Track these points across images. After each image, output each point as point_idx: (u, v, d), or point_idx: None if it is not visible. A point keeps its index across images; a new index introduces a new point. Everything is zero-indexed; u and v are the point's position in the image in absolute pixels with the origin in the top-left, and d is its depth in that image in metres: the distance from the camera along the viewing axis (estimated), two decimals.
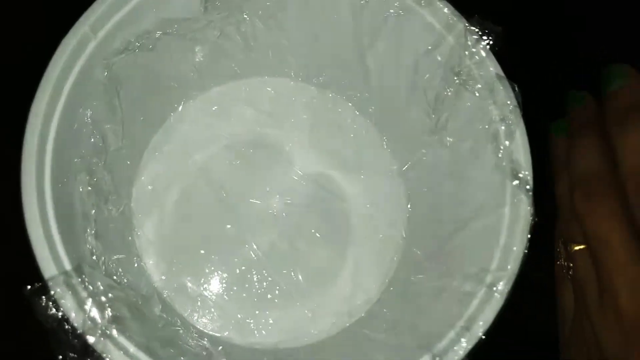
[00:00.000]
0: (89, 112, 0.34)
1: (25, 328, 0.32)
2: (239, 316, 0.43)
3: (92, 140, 0.34)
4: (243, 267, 0.44)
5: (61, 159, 0.31)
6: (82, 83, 0.33)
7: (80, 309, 0.28)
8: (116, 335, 0.28)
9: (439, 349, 0.30)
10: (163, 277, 0.43)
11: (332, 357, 0.39)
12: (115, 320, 0.29)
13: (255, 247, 0.44)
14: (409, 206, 0.46)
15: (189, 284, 0.43)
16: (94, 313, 0.28)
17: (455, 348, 0.30)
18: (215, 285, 0.43)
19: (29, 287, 0.28)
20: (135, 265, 0.42)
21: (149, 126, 0.45)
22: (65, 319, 0.28)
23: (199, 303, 0.42)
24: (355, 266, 0.45)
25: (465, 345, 0.30)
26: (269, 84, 0.48)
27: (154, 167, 0.45)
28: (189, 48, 0.40)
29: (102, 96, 0.35)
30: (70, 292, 0.28)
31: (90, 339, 0.27)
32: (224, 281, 0.43)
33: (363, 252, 0.45)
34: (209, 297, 0.43)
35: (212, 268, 0.43)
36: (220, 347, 0.38)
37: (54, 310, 0.28)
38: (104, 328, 0.28)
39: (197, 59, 0.42)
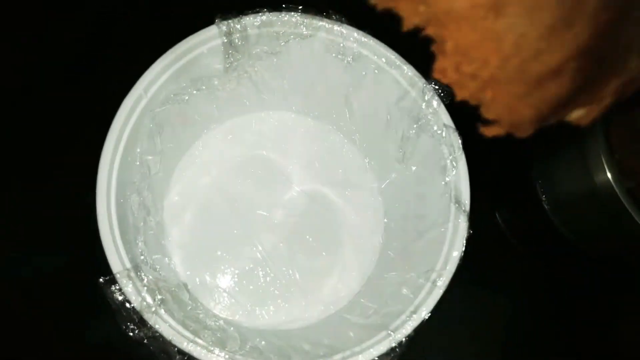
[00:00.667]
0: (138, 149, 0.45)
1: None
2: (247, 304, 0.53)
3: (141, 170, 0.45)
4: (251, 265, 0.54)
5: (121, 184, 0.42)
6: (135, 129, 0.44)
7: (138, 294, 0.39)
8: (162, 313, 0.39)
9: (393, 326, 0.41)
10: (188, 273, 0.53)
11: (318, 335, 0.49)
12: (162, 302, 0.40)
13: (261, 249, 0.54)
14: (384, 218, 0.57)
15: (208, 278, 0.53)
16: (147, 297, 0.39)
17: (405, 325, 0.41)
18: (228, 279, 0.53)
19: (101, 279, 0.39)
20: (167, 263, 0.52)
21: (178, 153, 0.55)
22: (127, 301, 0.39)
23: (215, 293, 0.53)
24: (342, 266, 0.55)
25: (412, 324, 0.41)
26: (274, 117, 0.59)
27: (180, 185, 0.56)
28: (212, 95, 0.51)
29: (148, 136, 0.46)
30: (130, 282, 0.39)
31: (145, 315, 0.38)
32: (235, 276, 0.53)
33: (349, 254, 0.55)
34: (223, 288, 0.53)
35: (226, 265, 0.54)
36: (232, 328, 0.48)
37: (118, 295, 0.39)
38: (154, 308, 0.39)
39: (218, 102, 0.53)
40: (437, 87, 0.46)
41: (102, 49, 0.61)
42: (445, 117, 0.46)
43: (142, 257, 0.43)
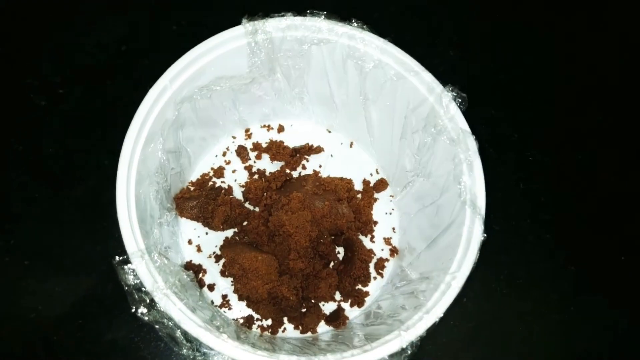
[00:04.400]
0: (160, 142, 0.46)
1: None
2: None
3: (160, 161, 0.46)
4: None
5: (141, 172, 0.43)
6: (158, 120, 0.45)
7: (150, 275, 0.39)
8: (173, 297, 0.39)
9: (406, 326, 0.40)
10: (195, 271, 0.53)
11: (335, 337, 0.49)
12: (173, 286, 0.40)
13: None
14: (399, 228, 0.57)
15: (214, 280, 0.53)
16: (159, 279, 0.39)
17: (417, 325, 0.40)
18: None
19: (116, 258, 0.39)
20: (179, 259, 0.52)
21: (197, 155, 0.56)
22: (139, 283, 0.39)
23: (223, 295, 0.53)
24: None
25: (424, 324, 0.40)
26: (294, 126, 0.60)
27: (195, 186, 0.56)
28: (235, 97, 0.52)
29: (169, 131, 0.47)
30: (143, 262, 0.39)
31: (156, 296, 0.38)
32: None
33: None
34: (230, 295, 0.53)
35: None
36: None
37: (131, 277, 0.39)
38: (165, 290, 0.39)
39: (240, 106, 0.54)
40: (454, 93, 0.46)
41: (132, 46, 0.64)
42: (462, 122, 0.46)
43: (157, 246, 0.44)
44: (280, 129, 0.60)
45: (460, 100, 0.46)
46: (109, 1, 0.65)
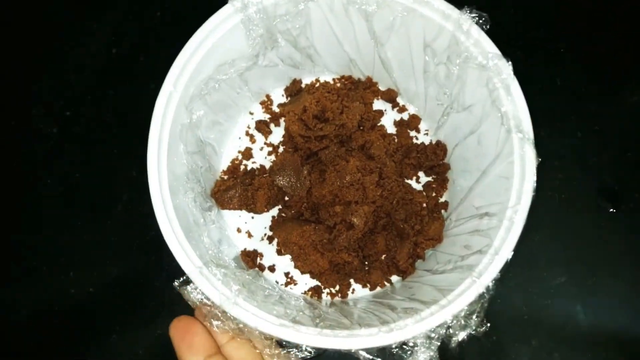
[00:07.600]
0: (181, 147, 0.44)
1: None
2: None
3: (188, 167, 0.45)
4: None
5: (172, 184, 0.42)
6: (174, 127, 0.43)
7: (215, 289, 0.39)
8: (242, 302, 0.39)
9: (478, 272, 0.39)
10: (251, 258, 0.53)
11: (405, 290, 0.48)
12: (239, 292, 0.39)
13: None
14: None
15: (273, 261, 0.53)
16: (225, 290, 0.39)
17: (489, 268, 0.39)
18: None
19: (175, 282, 0.39)
20: (234, 253, 0.52)
21: (220, 142, 0.54)
22: (205, 297, 0.39)
23: (287, 274, 0.53)
24: None
25: (496, 265, 0.39)
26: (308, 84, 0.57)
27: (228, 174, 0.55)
28: (244, 78, 0.49)
29: (188, 132, 0.45)
30: (204, 279, 0.39)
31: (227, 308, 0.38)
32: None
33: None
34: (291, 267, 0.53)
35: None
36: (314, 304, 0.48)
37: (197, 294, 0.39)
38: (233, 299, 0.38)
39: (250, 82, 0.51)
40: (474, 15, 0.42)
41: (122, 46, 0.61)
42: (489, 45, 0.42)
43: (210, 252, 0.43)
44: (296, 91, 0.57)
45: (482, 20, 0.42)
46: (81, 10, 0.62)
